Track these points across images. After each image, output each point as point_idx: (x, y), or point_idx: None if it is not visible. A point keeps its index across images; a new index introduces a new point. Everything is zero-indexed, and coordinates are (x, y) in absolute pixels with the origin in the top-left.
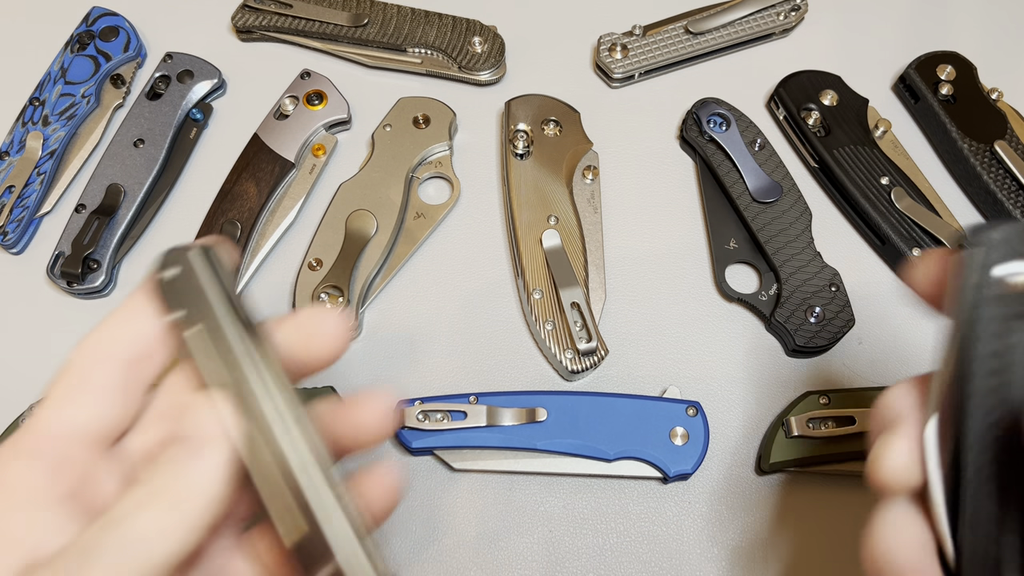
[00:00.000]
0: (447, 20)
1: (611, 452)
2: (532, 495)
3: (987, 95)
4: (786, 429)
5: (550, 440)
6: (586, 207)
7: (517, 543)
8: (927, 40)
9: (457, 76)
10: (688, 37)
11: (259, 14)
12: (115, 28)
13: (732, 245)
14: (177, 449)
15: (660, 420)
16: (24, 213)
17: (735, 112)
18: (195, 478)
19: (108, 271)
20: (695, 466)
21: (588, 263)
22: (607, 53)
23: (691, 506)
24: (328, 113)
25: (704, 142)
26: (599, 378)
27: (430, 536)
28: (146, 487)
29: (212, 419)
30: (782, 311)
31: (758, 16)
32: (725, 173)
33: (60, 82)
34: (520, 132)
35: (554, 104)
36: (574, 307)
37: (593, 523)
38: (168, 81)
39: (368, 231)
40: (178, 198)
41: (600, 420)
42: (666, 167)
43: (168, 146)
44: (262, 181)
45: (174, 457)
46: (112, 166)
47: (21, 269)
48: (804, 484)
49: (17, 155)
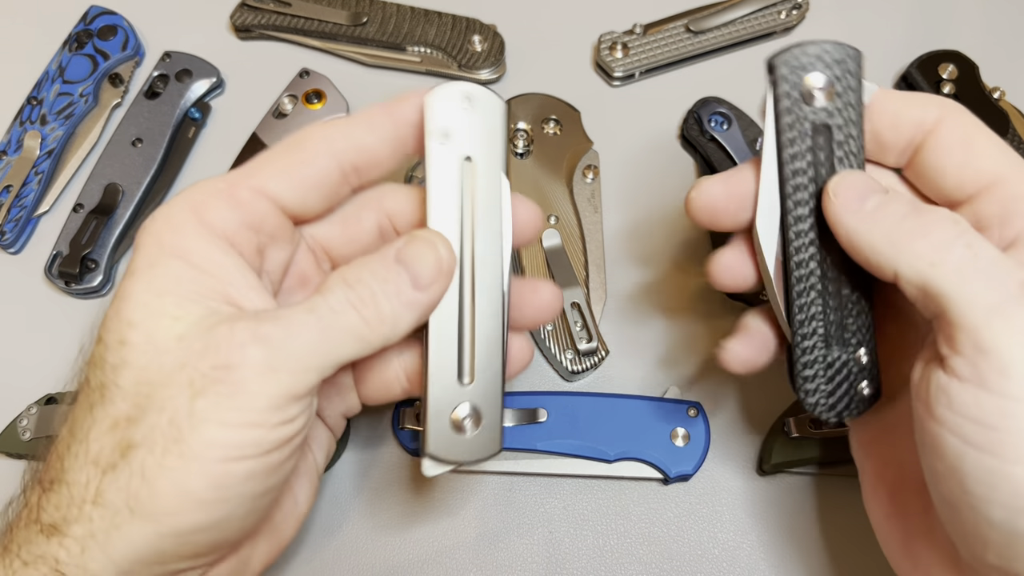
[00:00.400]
0: (447, 18)
1: (612, 453)
2: (532, 496)
3: (989, 94)
4: (787, 430)
5: (550, 441)
6: (586, 206)
7: (517, 544)
8: (929, 39)
9: (457, 75)
10: (689, 36)
11: (258, 13)
12: (113, 27)
13: None
14: (397, 273)
15: (661, 421)
16: (22, 212)
17: (736, 111)
18: (402, 305)
19: (106, 271)
20: (696, 467)
21: (588, 263)
22: (607, 52)
23: (692, 507)
24: (327, 112)
25: (705, 141)
26: (599, 378)
27: (430, 536)
28: (358, 292)
29: (434, 261)
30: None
31: (759, 15)
32: None
33: (58, 81)
34: (520, 131)
35: (554, 103)
36: (574, 307)
37: (593, 524)
38: (166, 80)
39: None
40: None
41: (600, 421)
42: (667, 166)
43: (166, 145)
44: None
45: (392, 279)
46: (110, 165)
47: (19, 269)
48: (805, 485)
49: (15, 154)
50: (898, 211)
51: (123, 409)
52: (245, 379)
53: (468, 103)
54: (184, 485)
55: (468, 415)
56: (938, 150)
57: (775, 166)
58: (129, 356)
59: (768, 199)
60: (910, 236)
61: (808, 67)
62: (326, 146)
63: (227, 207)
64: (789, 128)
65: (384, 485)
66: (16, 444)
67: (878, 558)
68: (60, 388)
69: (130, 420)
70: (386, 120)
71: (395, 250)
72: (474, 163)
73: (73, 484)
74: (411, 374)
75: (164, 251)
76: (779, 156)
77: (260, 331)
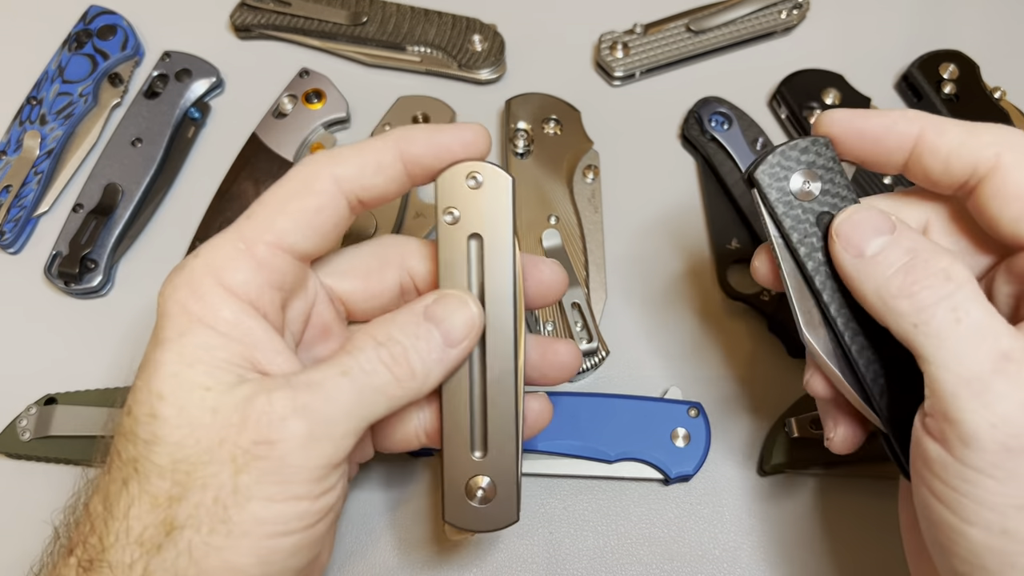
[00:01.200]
0: (447, 18)
1: (612, 453)
2: (532, 496)
3: (990, 94)
4: (788, 430)
5: (550, 441)
6: (587, 206)
7: (517, 544)
8: (930, 39)
9: (457, 74)
10: (689, 35)
11: (257, 12)
12: (113, 27)
13: (734, 244)
14: (429, 331)
15: (661, 421)
16: (21, 212)
17: (737, 111)
18: (433, 362)
19: (105, 271)
20: (696, 467)
21: (589, 263)
22: (608, 51)
23: (692, 508)
24: (327, 112)
25: (706, 141)
26: (600, 379)
27: (430, 537)
28: (392, 351)
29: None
30: (784, 311)
31: (760, 14)
32: (727, 172)
33: (57, 81)
34: (520, 131)
35: (554, 103)
36: (575, 307)
37: (594, 524)
38: (166, 80)
39: (367, 230)
40: (176, 197)
41: (601, 421)
42: (667, 166)
43: (166, 145)
44: (260, 180)
45: (425, 336)
46: (110, 165)
47: (18, 269)
48: (805, 485)
49: (14, 154)
50: (893, 262)
51: (163, 487)
52: (288, 453)
53: (475, 182)
54: (233, 563)
55: (482, 487)
56: (995, 199)
57: (792, 263)
58: (161, 431)
59: (803, 304)
60: (897, 293)
61: (788, 170)
62: (337, 187)
63: (249, 268)
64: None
65: (383, 486)
66: (16, 444)
67: (879, 558)
68: (60, 388)
69: (172, 499)
70: (396, 161)
71: (423, 307)
72: (483, 238)
73: (116, 565)
74: (430, 431)
75: (191, 319)
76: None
77: (299, 401)
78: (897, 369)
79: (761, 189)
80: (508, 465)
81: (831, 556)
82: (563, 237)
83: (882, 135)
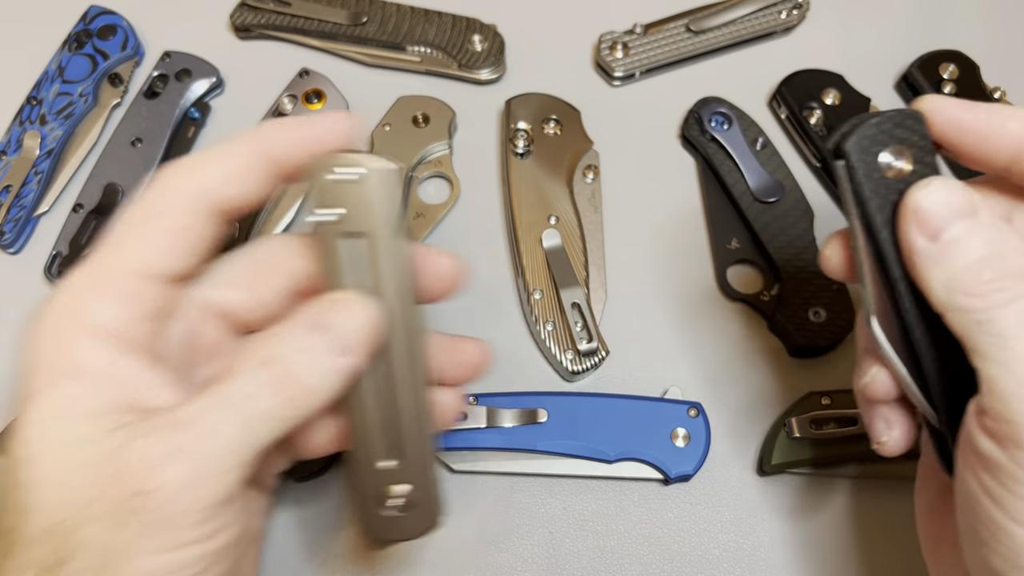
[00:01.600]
0: (447, 18)
1: (612, 453)
2: (532, 497)
3: (990, 94)
4: (788, 430)
5: (550, 441)
6: (587, 206)
7: (517, 545)
8: (930, 39)
9: (457, 75)
10: (689, 36)
11: (257, 12)
12: (113, 27)
13: (734, 245)
14: (317, 341)
15: (661, 421)
16: (21, 213)
17: (737, 111)
18: (326, 374)
19: None
20: (696, 467)
21: (589, 263)
22: (608, 51)
23: (692, 508)
24: (327, 112)
25: (706, 141)
26: (600, 379)
27: (430, 538)
28: (274, 371)
29: (358, 323)
30: (784, 311)
31: (760, 14)
32: (727, 172)
33: (57, 81)
34: (520, 131)
35: (554, 103)
36: (575, 307)
37: (594, 525)
38: (166, 80)
39: None
40: None
41: (601, 421)
42: (667, 166)
43: (166, 145)
44: None
45: (313, 347)
46: (110, 165)
47: (18, 269)
48: (806, 486)
49: (14, 154)
50: (970, 252)
51: (42, 554)
52: (168, 500)
53: (353, 174)
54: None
55: (398, 495)
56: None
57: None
58: (32, 498)
59: (877, 293)
60: (968, 289)
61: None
62: (198, 202)
63: (115, 303)
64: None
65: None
66: None
67: (879, 558)
68: None
69: (52, 566)
70: (259, 163)
71: (312, 315)
72: (368, 234)
73: None
74: (343, 435)
75: (54, 371)
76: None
77: (173, 443)
78: (951, 362)
79: (850, 162)
80: (422, 469)
81: (831, 556)
82: (563, 237)
83: (988, 133)
